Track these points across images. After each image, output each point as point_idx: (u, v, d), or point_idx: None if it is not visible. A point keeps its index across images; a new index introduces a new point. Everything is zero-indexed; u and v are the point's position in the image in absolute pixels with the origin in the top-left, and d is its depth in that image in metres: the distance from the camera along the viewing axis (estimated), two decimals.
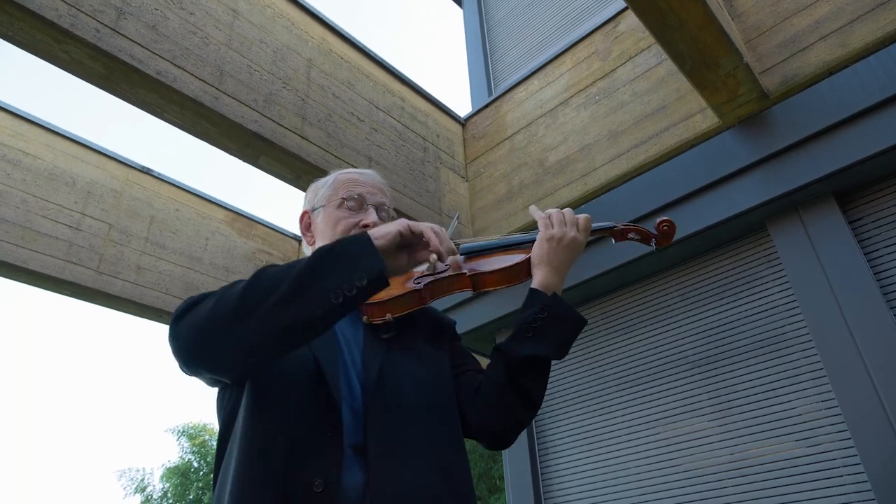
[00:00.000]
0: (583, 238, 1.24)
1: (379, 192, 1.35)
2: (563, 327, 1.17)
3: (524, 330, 1.15)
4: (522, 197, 3.27)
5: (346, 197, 1.30)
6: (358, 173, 1.37)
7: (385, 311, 1.18)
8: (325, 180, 1.38)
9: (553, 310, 1.16)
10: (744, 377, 2.48)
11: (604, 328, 3.03)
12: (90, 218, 3.61)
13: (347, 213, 1.28)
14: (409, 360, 1.17)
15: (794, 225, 2.47)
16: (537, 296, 1.18)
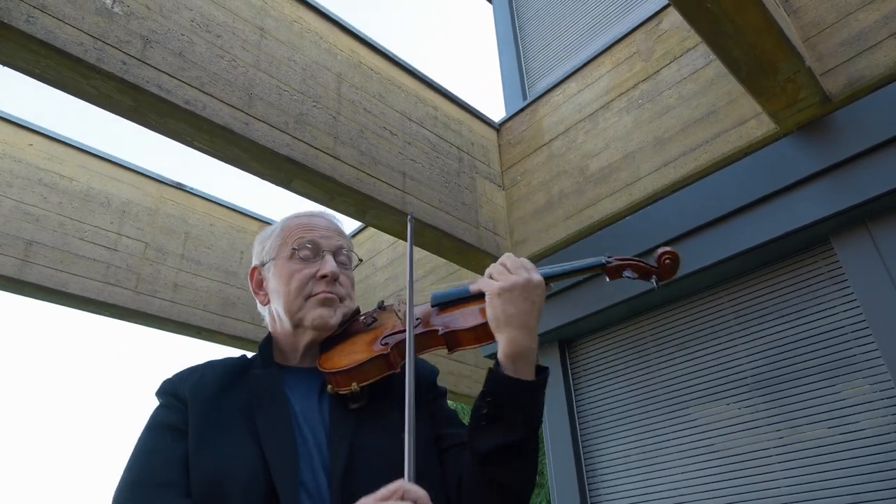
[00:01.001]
0: (535, 277, 1.01)
1: (335, 234, 1.19)
2: (518, 404, 0.97)
3: (477, 419, 0.98)
4: (563, 207, 3.14)
5: (298, 246, 1.14)
6: (307, 216, 1.21)
7: (350, 379, 1.04)
8: (271, 229, 1.22)
9: (499, 388, 0.96)
10: (807, 401, 2.33)
11: (653, 345, 2.90)
12: (126, 238, 3.61)
13: (301, 264, 1.13)
14: (382, 435, 1.02)
15: (861, 238, 2.29)
16: (491, 374, 0.99)
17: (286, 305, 1.13)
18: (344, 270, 1.18)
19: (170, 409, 1.04)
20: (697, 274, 2.62)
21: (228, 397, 1.05)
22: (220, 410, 1.03)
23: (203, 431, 1.00)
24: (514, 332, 0.97)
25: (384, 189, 2.79)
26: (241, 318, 3.95)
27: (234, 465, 0.95)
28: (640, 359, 2.92)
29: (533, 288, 1.00)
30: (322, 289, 1.12)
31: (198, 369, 1.11)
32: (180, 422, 1.01)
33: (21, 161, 3.34)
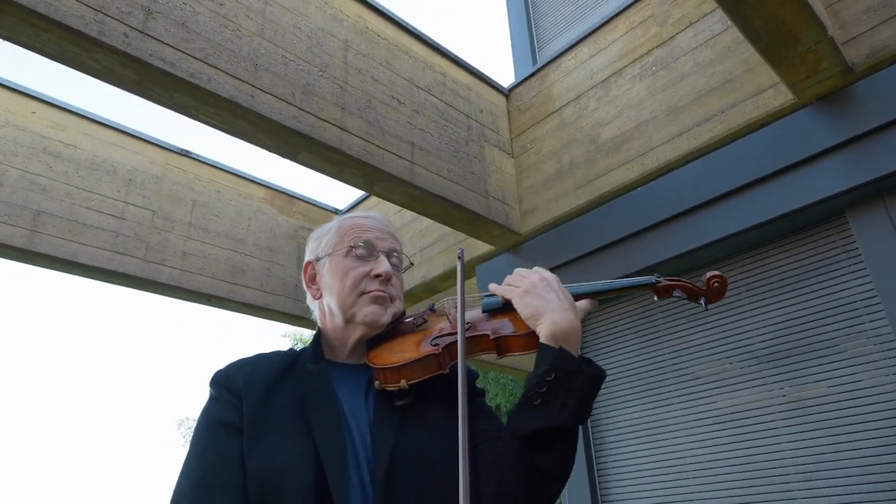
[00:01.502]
0: (548, 272, 1.14)
1: (389, 236, 1.25)
2: (575, 387, 0.97)
3: (530, 398, 0.98)
4: (573, 177, 3.10)
5: (354, 244, 1.19)
6: (364, 217, 1.26)
7: (399, 376, 1.07)
8: (328, 227, 1.28)
9: (561, 368, 0.98)
10: (816, 374, 2.34)
11: (661, 315, 2.90)
12: (133, 206, 3.60)
13: (356, 262, 1.18)
14: (424, 435, 1.07)
15: (877, 213, 2.26)
16: (543, 352, 1.02)
17: (340, 300, 1.17)
18: (395, 272, 1.22)
19: (224, 404, 1.07)
20: (709, 247, 2.60)
21: (280, 391, 1.08)
22: (273, 405, 1.06)
23: (257, 426, 1.03)
24: (552, 315, 1.03)
25: (392, 160, 2.76)
26: (250, 285, 3.97)
27: (289, 458, 0.99)
28: (649, 329, 2.93)
29: (548, 281, 1.10)
30: (375, 287, 1.17)
31: (250, 362, 1.15)
32: (235, 418, 1.04)
33: (25, 129, 3.31)
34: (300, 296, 4.22)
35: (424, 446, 1.05)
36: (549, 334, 1.02)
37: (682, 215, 2.68)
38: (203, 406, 1.10)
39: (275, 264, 4.16)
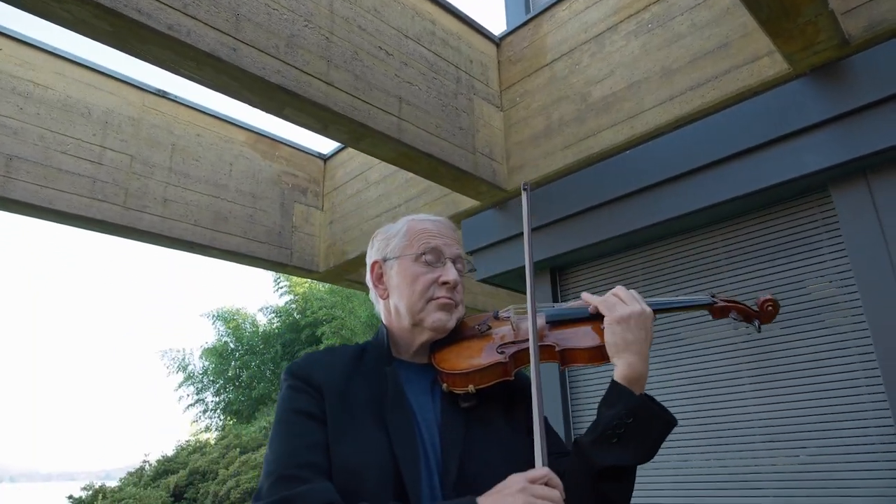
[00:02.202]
0: (649, 309, 1.16)
1: (455, 242, 1.28)
2: (651, 431, 1.07)
3: (610, 434, 1.06)
4: (562, 135, 3.06)
5: (424, 251, 1.23)
6: (431, 222, 1.29)
7: (467, 381, 1.13)
8: (396, 229, 1.30)
9: (640, 413, 1.06)
10: (788, 342, 2.43)
11: (642, 278, 2.96)
12: (111, 150, 3.50)
13: (425, 269, 1.22)
14: (489, 442, 1.12)
15: (859, 189, 2.29)
16: (622, 393, 1.08)
17: (409, 305, 1.21)
18: (460, 278, 1.26)
19: (307, 395, 1.12)
20: (693, 214, 2.62)
21: (355, 389, 1.14)
22: (351, 401, 1.12)
23: (339, 421, 1.09)
24: (632, 357, 1.10)
25: (379, 116, 2.69)
26: (233, 232, 3.93)
27: (369, 456, 1.05)
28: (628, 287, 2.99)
29: (647, 317, 1.14)
30: (443, 294, 1.21)
31: (323, 359, 1.20)
32: (318, 410, 1.10)
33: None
34: (284, 242, 4.21)
35: (490, 453, 1.11)
36: (624, 376, 1.10)
37: (669, 181, 2.68)
38: (282, 396, 1.14)
39: (258, 211, 4.11)
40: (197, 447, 10.42)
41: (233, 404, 14.51)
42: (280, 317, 14.94)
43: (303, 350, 13.93)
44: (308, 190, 4.49)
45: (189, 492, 9.27)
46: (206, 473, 9.42)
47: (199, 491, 9.07)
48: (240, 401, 14.45)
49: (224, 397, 14.69)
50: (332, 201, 4.48)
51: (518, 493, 0.93)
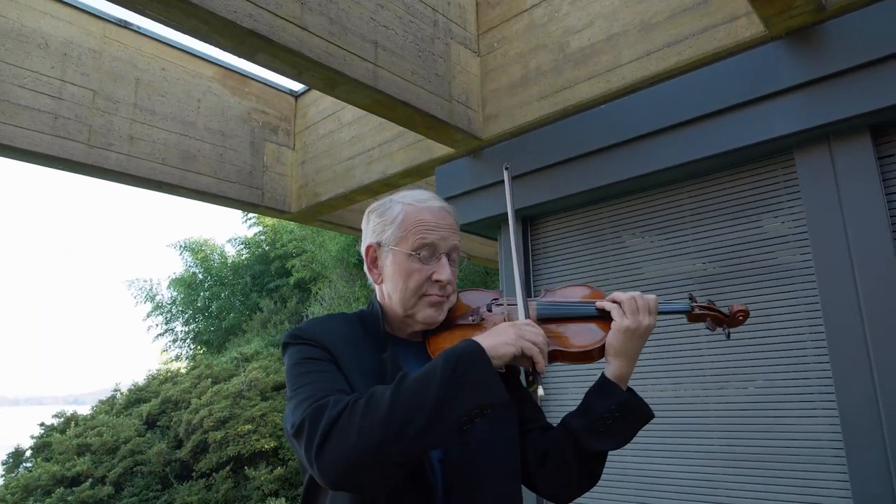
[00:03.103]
0: (654, 321, 1.24)
1: (451, 232, 1.28)
2: (634, 423, 1.22)
3: (598, 425, 1.20)
4: (538, 86, 3.05)
5: (418, 247, 1.24)
6: (429, 211, 1.27)
7: None
8: (393, 214, 1.28)
9: (628, 408, 1.20)
10: (742, 301, 2.56)
11: (610, 231, 3.04)
12: (71, 84, 3.36)
13: (419, 265, 1.23)
14: (483, 422, 1.17)
15: (821, 154, 2.36)
16: (613, 390, 1.21)
17: (401, 300, 1.25)
18: (454, 267, 1.29)
19: (319, 349, 1.16)
20: (663, 171, 2.68)
21: (358, 355, 1.18)
22: (359, 365, 1.16)
23: (354, 383, 1.13)
24: (625, 361, 1.22)
25: (355, 62, 2.64)
26: (202, 171, 3.87)
27: None
28: (596, 243, 3.08)
29: (651, 330, 1.24)
30: (435, 292, 1.24)
31: (324, 321, 1.23)
32: (328, 356, 1.15)
33: None
34: (255, 182, 4.16)
35: (485, 433, 1.19)
36: (616, 375, 1.22)
37: (641, 138, 2.72)
38: (295, 353, 1.16)
39: (228, 150, 4.03)
40: (168, 377, 10.52)
41: (203, 334, 14.59)
42: (249, 248, 14.85)
43: (273, 282, 13.95)
44: (279, 128, 4.40)
45: (162, 420, 9.44)
46: (178, 402, 9.58)
47: (172, 419, 9.24)
48: (210, 331, 14.53)
49: (194, 327, 14.75)
50: (304, 141, 4.41)
51: (508, 327, 1.10)
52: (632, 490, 2.74)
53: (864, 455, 2.12)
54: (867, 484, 2.10)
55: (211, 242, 14.66)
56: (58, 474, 8.52)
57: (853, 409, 2.17)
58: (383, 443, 0.96)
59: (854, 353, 2.20)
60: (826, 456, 2.27)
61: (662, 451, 2.69)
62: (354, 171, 3.96)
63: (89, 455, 8.79)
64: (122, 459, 8.66)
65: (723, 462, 2.51)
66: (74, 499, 8.28)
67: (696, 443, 2.60)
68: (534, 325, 1.12)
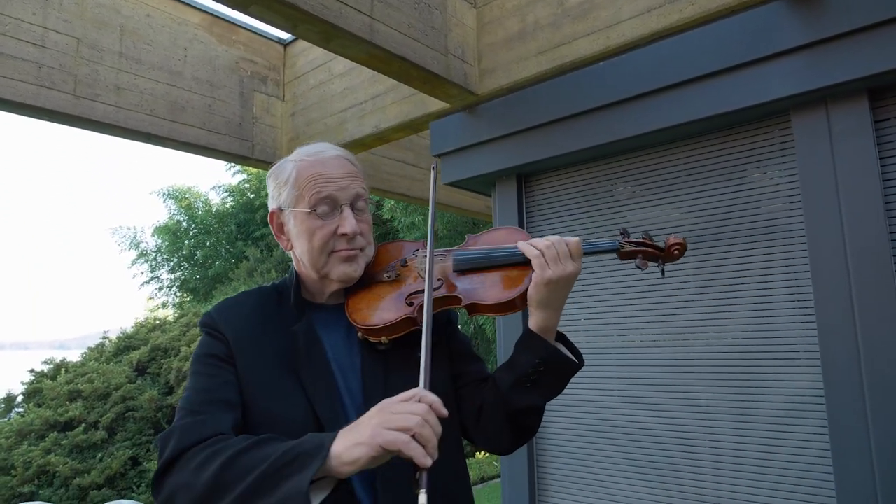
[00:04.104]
0: (579, 266, 1.15)
1: (350, 179, 1.19)
2: (560, 375, 1.17)
3: (524, 379, 1.15)
4: (536, 41, 3.00)
5: (315, 204, 1.16)
6: (321, 163, 1.19)
7: (380, 334, 1.16)
8: (285, 173, 1.21)
9: (552, 361, 1.14)
10: (734, 260, 2.62)
11: (604, 189, 3.07)
12: (54, 32, 3.24)
13: (321, 222, 1.16)
14: (409, 383, 1.09)
15: (818, 116, 2.38)
16: (537, 343, 1.14)
17: (311, 261, 1.18)
18: (362, 216, 1.21)
19: (217, 341, 1.14)
20: (660, 131, 2.69)
21: (267, 339, 1.15)
22: (263, 353, 1.13)
23: (251, 372, 1.11)
24: (550, 312, 1.14)
25: (351, 15, 2.58)
26: (191, 122, 3.79)
27: (286, 415, 1.07)
28: (591, 201, 3.11)
29: (576, 276, 1.14)
30: (344, 246, 1.17)
31: (232, 305, 1.19)
32: (226, 354, 1.12)
33: None
34: (245, 134, 4.10)
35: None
36: (539, 327, 1.15)
37: (639, 97, 2.71)
38: (199, 343, 1.17)
39: (216, 100, 3.94)
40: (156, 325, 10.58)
41: (189, 282, 14.59)
42: (234, 196, 14.70)
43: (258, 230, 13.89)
44: (268, 78, 4.30)
45: (152, 367, 9.55)
46: (167, 350, 9.67)
47: (162, 367, 9.36)
48: (195, 279, 14.53)
49: (179, 275, 14.73)
50: (294, 91, 4.32)
51: (375, 415, 0.93)
52: (620, 441, 2.87)
53: (844, 409, 2.23)
54: (845, 436, 2.22)
55: (195, 190, 14.48)
56: (51, 419, 8.66)
57: (836, 365, 2.27)
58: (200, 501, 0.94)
59: (839, 312, 2.29)
60: (807, 410, 2.38)
61: (649, 402, 2.81)
62: (346, 125, 3.91)
63: (81, 401, 8.92)
64: (114, 405, 8.81)
65: (708, 414, 2.63)
66: (68, 443, 8.45)
67: (682, 395, 2.71)
68: (423, 401, 0.93)
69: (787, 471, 2.39)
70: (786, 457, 2.41)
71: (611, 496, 2.87)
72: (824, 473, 2.30)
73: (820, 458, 2.32)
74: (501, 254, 1.20)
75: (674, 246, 1.25)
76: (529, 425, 1.21)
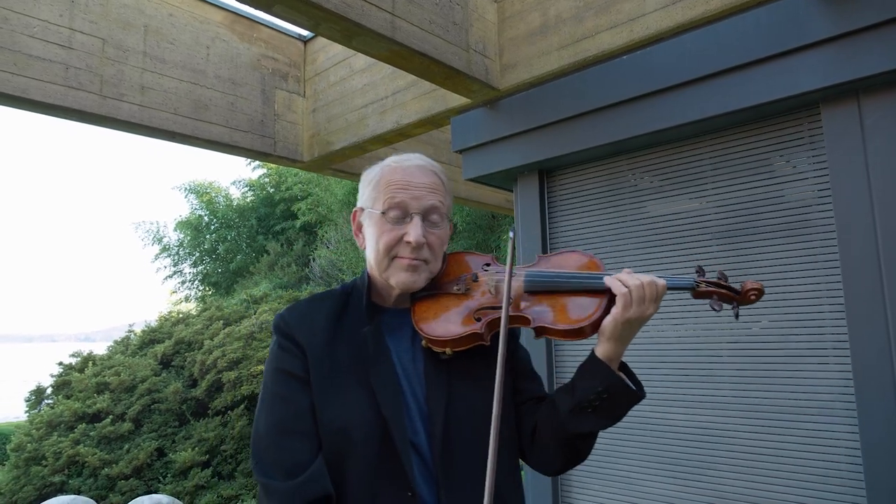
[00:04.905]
0: (657, 308, 1.16)
1: (427, 191, 1.21)
2: (621, 404, 1.16)
3: (585, 405, 1.15)
4: (558, 35, 2.98)
5: (388, 207, 1.19)
6: (402, 171, 1.22)
7: (444, 345, 1.18)
8: (372, 174, 1.26)
9: (615, 390, 1.14)
10: (761, 256, 2.59)
11: (629, 184, 3.04)
12: (80, 33, 3.29)
13: (390, 226, 1.19)
14: (471, 391, 1.17)
15: (849, 110, 2.34)
16: (601, 370, 1.14)
17: (376, 262, 1.22)
18: (433, 230, 1.22)
19: (290, 355, 1.17)
20: (685, 126, 2.66)
21: (339, 346, 1.18)
22: (334, 361, 1.16)
23: (324, 382, 1.14)
24: (619, 344, 1.14)
25: (373, 13, 2.58)
26: (214, 121, 3.83)
27: (356, 417, 1.11)
28: (614, 196, 3.08)
29: (650, 317, 1.15)
30: (407, 254, 1.19)
31: (307, 313, 1.22)
32: (302, 370, 1.15)
33: None
34: (267, 131, 4.13)
35: (473, 401, 1.17)
36: (606, 356, 1.14)
37: (663, 91, 2.68)
38: (270, 352, 1.20)
39: (239, 98, 3.98)
40: (180, 318, 10.73)
41: (211, 276, 14.78)
42: (254, 191, 14.83)
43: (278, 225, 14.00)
44: (289, 75, 4.33)
45: (176, 360, 9.69)
46: (191, 343, 9.81)
47: (186, 360, 9.49)
48: (217, 273, 14.72)
49: (202, 269, 14.93)
50: (315, 88, 4.34)
51: None
52: (643, 438, 2.86)
53: (875, 406, 2.20)
54: (876, 434, 2.18)
55: (216, 185, 14.64)
56: (79, 411, 8.84)
57: (866, 360, 2.24)
58: None
59: (871, 311, 2.25)
60: (837, 409, 2.35)
61: (672, 398, 2.79)
62: (367, 121, 3.92)
63: (108, 393, 9.09)
64: (140, 397, 8.97)
65: (732, 410, 2.60)
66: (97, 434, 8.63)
67: (706, 391, 2.69)
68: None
69: (816, 469, 2.37)
70: (814, 455, 2.38)
71: (634, 493, 2.86)
72: (854, 472, 2.27)
73: (849, 458, 2.29)
74: (579, 281, 1.20)
75: (751, 291, 1.24)
76: (582, 450, 1.23)
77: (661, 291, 1.15)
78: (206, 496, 8.04)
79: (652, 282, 1.14)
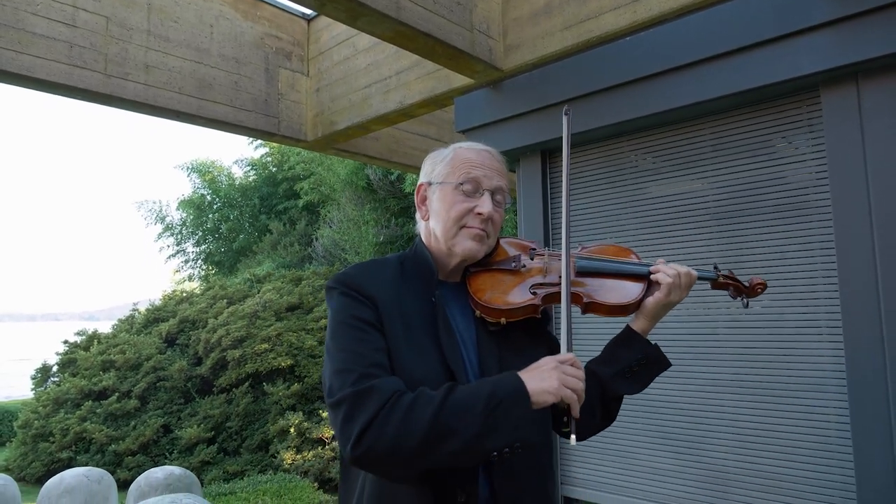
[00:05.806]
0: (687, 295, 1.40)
1: (496, 174, 1.35)
2: (655, 371, 1.41)
3: (625, 372, 1.38)
4: (562, 15, 2.98)
5: (463, 180, 1.31)
6: (475, 152, 1.36)
7: (500, 315, 1.29)
8: (443, 154, 1.38)
9: (652, 358, 1.39)
10: (758, 237, 2.62)
11: (629, 165, 3.06)
12: (84, 11, 3.30)
13: (462, 198, 1.31)
14: (517, 359, 1.26)
15: (848, 93, 2.35)
16: (639, 342, 1.39)
17: (443, 230, 1.31)
18: (497, 209, 1.34)
19: (361, 304, 1.22)
20: (686, 108, 2.68)
21: (407, 301, 1.26)
22: (405, 314, 1.24)
23: (397, 333, 1.21)
24: (653, 322, 1.40)
25: None
26: (218, 100, 3.85)
27: (428, 371, 1.19)
28: (616, 176, 3.11)
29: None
30: (476, 224, 1.31)
31: (371, 270, 1.28)
32: (375, 319, 1.20)
33: None
34: (271, 111, 4.14)
35: (519, 367, 1.23)
36: (641, 329, 1.40)
37: (665, 73, 2.70)
38: (338, 303, 1.23)
39: (242, 77, 3.99)
40: (183, 297, 10.82)
41: (214, 255, 14.86)
42: (256, 170, 14.83)
43: (281, 204, 14.03)
44: (293, 54, 4.33)
45: (181, 338, 9.79)
46: (195, 322, 9.90)
47: (191, 338, 9.59)
48: (220, 252, 14.79)
49: (205, 248, 15.00)
50: (318, 67, 4.34)
51: (552, 370, 1.13)
52: (642, 413, 2.92)
53: (865, 384, 2.25)
54: (866, 411, 2.24)
55: (218, 164, 14.64)
56: (85, 388, 8.97)
57: (858, 341, 2.28)
58: (418, 452, 1.05)
59: (864, 292, 2.29)
60: (828, 385, 2.40)
61: (672, 375, 2.84)
62: (371, 101, 3.93)
63: (114, 371, 9.21)
64: (146, 375, 9.09)
65: (730, 388, 2.66)
66: (103, 411, 8.77)
67: (705, 369, 2.75)
68: (577, 367, 1.16)
69: (807, 444, 2.43)
70: (806, 431, 2.44)
71: (632, 467, 2.93)
72: (843, 447, 2.33)
73: (840, 433, 2.34)
74: (626, 266, 1.41)
75: (758, 286, 1.50)
76: (614, 412, 1.43)
77: (693, 280, 1.39)
78: (212, 471, 8.20)
79: (688, 272, 1.38)
